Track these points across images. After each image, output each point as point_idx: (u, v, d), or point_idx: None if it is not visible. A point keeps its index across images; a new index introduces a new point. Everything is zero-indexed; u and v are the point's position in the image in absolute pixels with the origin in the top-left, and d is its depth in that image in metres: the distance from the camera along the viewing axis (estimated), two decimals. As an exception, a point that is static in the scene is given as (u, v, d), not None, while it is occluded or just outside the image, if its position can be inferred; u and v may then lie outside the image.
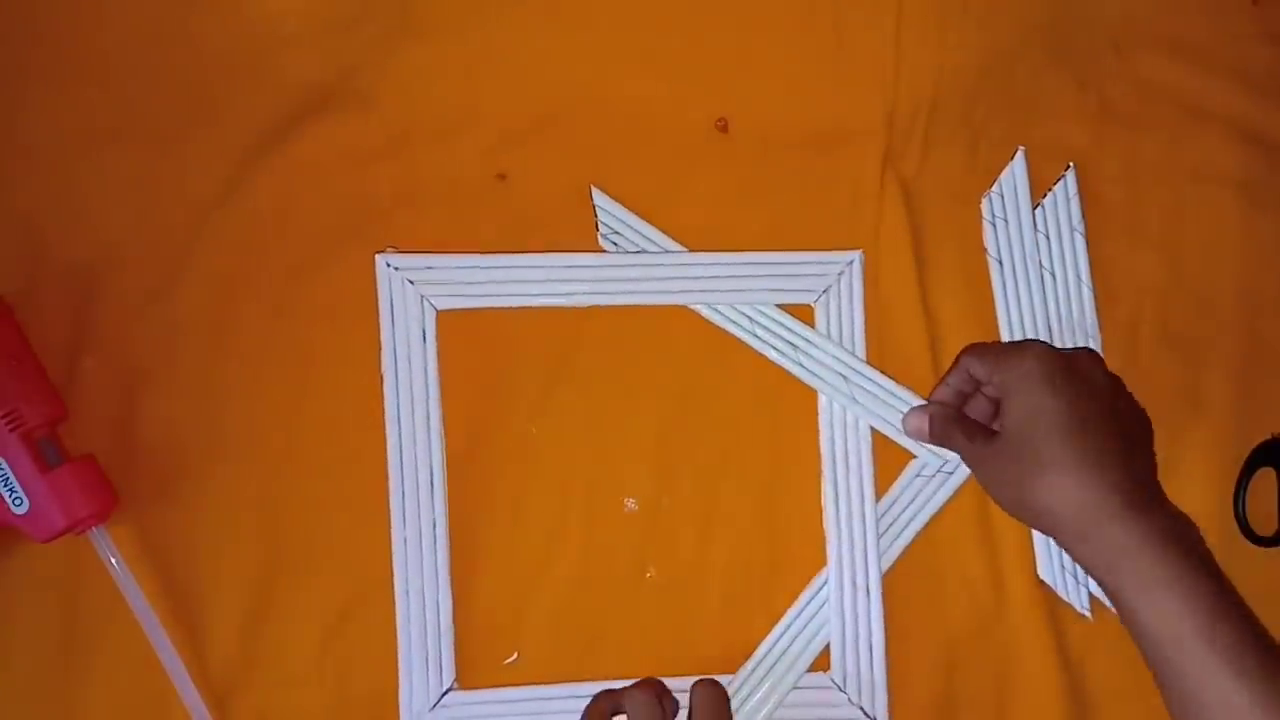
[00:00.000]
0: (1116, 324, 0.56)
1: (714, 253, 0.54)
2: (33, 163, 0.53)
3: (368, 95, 0.54)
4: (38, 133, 0.53)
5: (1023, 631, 0.49)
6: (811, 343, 0.54)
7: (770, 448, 0.54)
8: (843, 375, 0.54)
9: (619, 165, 0.55)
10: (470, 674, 0.51)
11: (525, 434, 0.53)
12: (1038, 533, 0.54)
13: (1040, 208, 0.56)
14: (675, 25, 0.56)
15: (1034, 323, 0.55)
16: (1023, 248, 0.56)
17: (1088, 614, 0.54)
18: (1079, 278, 0.56)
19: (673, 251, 0.54)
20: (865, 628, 0.53)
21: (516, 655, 0.52)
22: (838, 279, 0.54)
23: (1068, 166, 0.56)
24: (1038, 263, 0.56)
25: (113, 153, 0.53)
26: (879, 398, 0.54)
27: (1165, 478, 0.54)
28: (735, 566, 0.53)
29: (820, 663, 0.53)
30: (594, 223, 0.54)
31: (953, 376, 0.50)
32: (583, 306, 0.53)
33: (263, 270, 0.53)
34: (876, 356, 0.54)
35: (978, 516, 0.54)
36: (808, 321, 0.54)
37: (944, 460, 0.54)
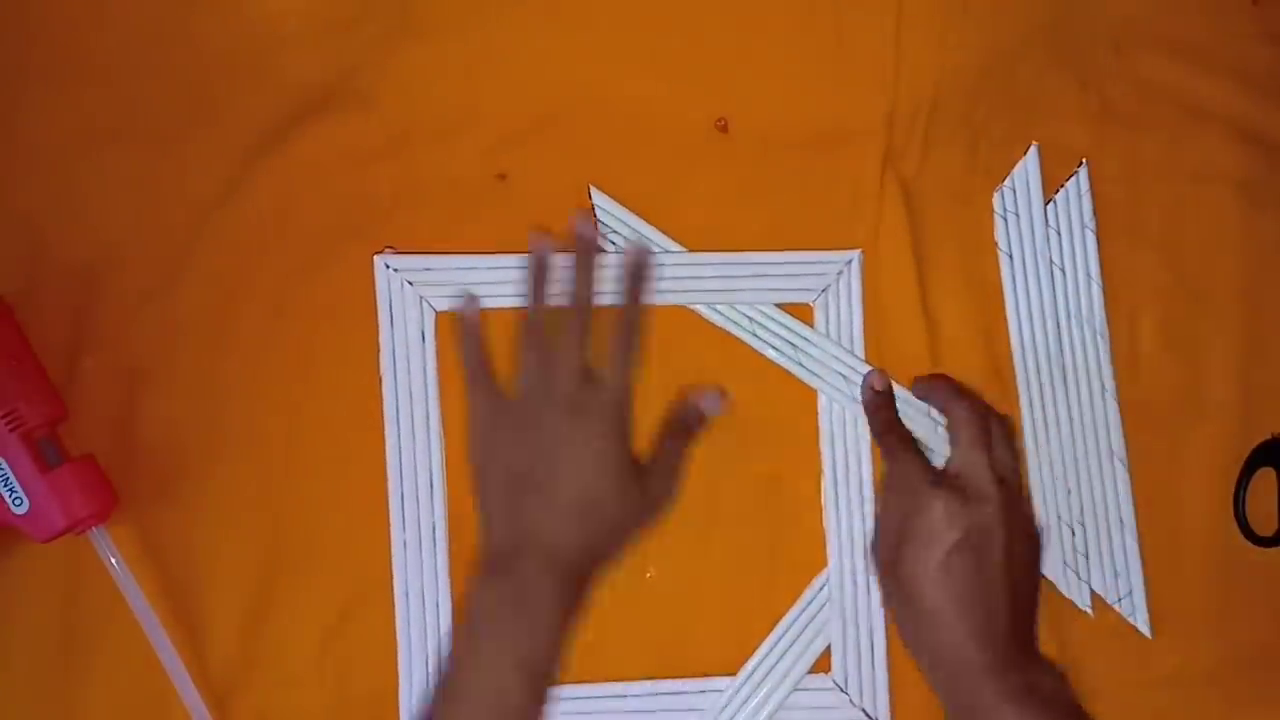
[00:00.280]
0: (1116, 324, 0.56)
1: (713, 253, 0.54)
2: (33, 163, 0.53)
3: (368, 95, 0.54)
4: (38, 133, 0.53)
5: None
6: (811, 342, 0.54)
7: (770, 448, 0.54)
8: (843, 375, 0.54)
9: (619, 165, 0.55)
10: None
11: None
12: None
13: (1052, 204, 0.56)
14: (675, 25, 0.56)
15: (1043, 318, 0.55)
16: (1034, 243, 0.56)
17: (1089, 611, 0.54)
18: (1089, 274, 0.56)
19: (672, 251, 0.54)
20: (866, 628, 0.53)
21: (516, 655, 0.52)
22: (837, 278, 0.54)
23: (1080, 163, 0.56)
24: (1048, 259, 0.56)
25: (113, 153, 0.53)
26: (879, 398, 0.54)
27: (1165, 478, 0.55)
28: (735, 566, 0.53)
29: (821, 664, 0.53)
30: (593, 223, 0.54)
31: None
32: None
33: (263, 270, 0.53)
34: (876, 356, 0.54)
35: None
36: (807, 321, 0.54)
37: (940, 458, 0.53)
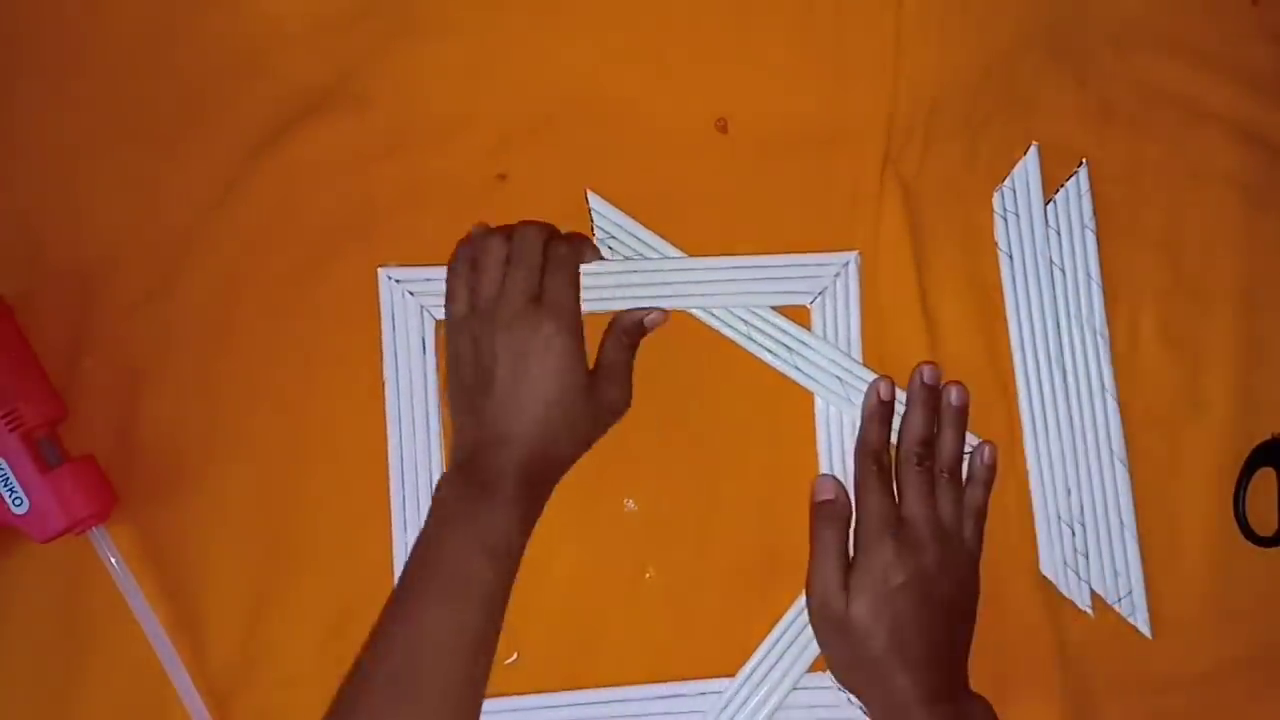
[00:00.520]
0: (1116, 324, 0.56)
1: (708, 257, 0.54)
2: (33, 163, 0.53)
3: (367, 95, 0.55)
4: (37, 133, 0.53)
5: (1024, 628, 0.49)
6: (807, 345, 0.54)
7: (769, 449, 0.54)
8: (839, 377, 0.54)
9: (618, 165, 0.55)
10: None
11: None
12: (1039, 529, 0.54)
13: (1051, 203, 0.56)
14: (675, 25, 0.56)
15: (1042, 318, 0.55)
16: (1033, 243, 0.56)
17: (1089, 610, 0.54)
18: (1089, 275, 0.56)
19: (668, 257, 0.54)
20: (865, 628, 0.53)
21: (516, 655, 0.52)
22: (834, 280, 0.54)
23: (1080, 163, 0.56)
24: (1048, 258, 0.56)
25: (112, 153, 0.53)
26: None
27: (1165, 478, 0.55)
28: (735, 567, 0.53)
29: (819, 663, 0.52)
30: (590, 225, 0.54)
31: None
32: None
33: (263, 270, 0.53)
34: (876, 358, 0.54)
35: (977, 515, 0.54)
36: (804, 324, 0.54)
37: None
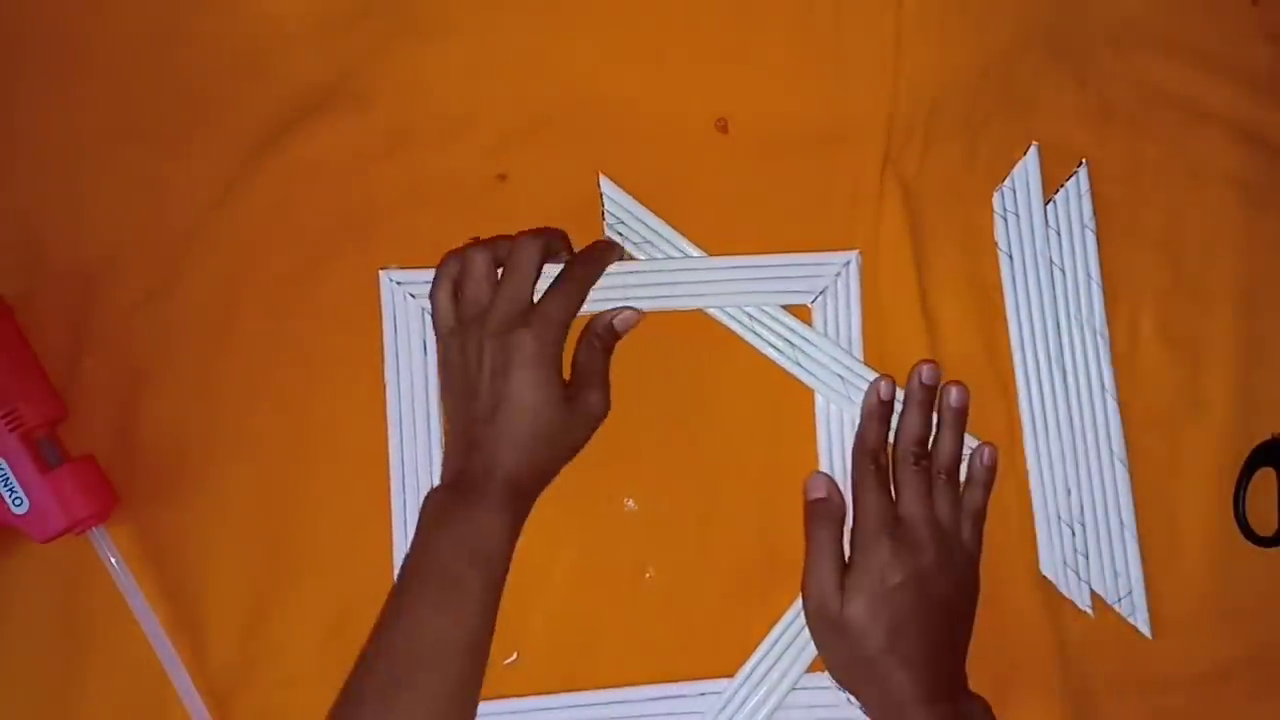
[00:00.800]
0: (1116, 324, 0.56)
1: (709, 257, 0.54)
2: (33, 163, 0.53)
3: (368, 95, 0.55)
4: (38, 133, 0.53)
5: (1024, 628, 0.49)
6: (810, 341, 0.54)
7: (769, 448, 0.54)
8: (840, 375, 0.54)
9: (618, 165, 0.55)
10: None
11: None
12: (1039, 529, 0.54)
13: (1051, 204, 0.56)
14: (675, 25, 0.56)
15: (1043, 318, 0.55)
16: (1033, 243, 0.56)
17: (1089, 611, 0.54)
18: (1089, 275, 0.56)
19: (668, 257, 0.54)
20: (865, 628, 0.53)
21: (516, 655, 0.52)
22: (834, 280, 0.54)
23: (1080, 163, 0.56)
24: (1048, 259, 0.56)
25: (113, 153, 0.53)
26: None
27: (1165, 478, 0.55)
28: (735, 567, 0.53)
29: (819, 663, 0.52)
30: (595, 222, 0.54)
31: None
32: (580, 314, 0.53)
33: (263, 270, 0.53)
34: (876, 357, 0.54)
35: (977, 515, 0.54)
36: (805, 323, 0.54)
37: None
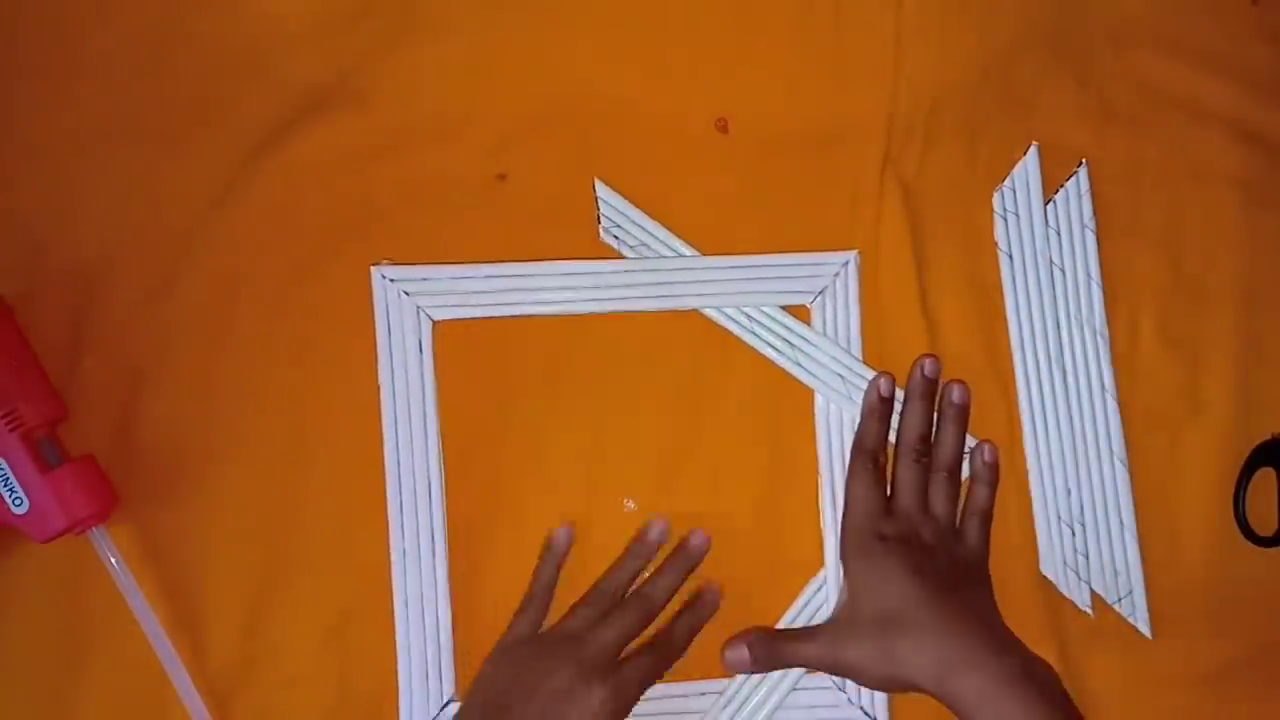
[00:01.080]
0: (1116, 324, 0.56)
1: (708, 256, 0.54)
2: (32, 163, 0.53)
3: (367, 95, 0.54)
4: (37, 133, 0.53)
5: (1024, 627, 0.49)
6: (809, 341, 0.54)
7: (768, 448, 0.54)
8: (840, 375, 0.54)
9: (619, 165, 0.55)
10: (470, 674, 0.51)
11: (526, 435, 0.53)
12: (1039, 529, 0.54)
13: (1051, 203, 0.56)
14: (675, 25, 0.56)
15: (1043, 318, 0.55)
16: (1033, 243, 0.56)
17: (1089, 611, 0.54)
18: (1089, 274, 0.56)
19: (666, 257, 0.54)
20: (865, 628, 0.53)
21: (516, 655, 0.52)
22: (833, 280, 0.54)
23: (1080, 163, 0.56)
24: (1048, 258, 0.56)
25: (112, 153, 0.53)
26: (879, 398, 0.54)
27: (1165, 478, 0.55)
28: (734, 567, 0.53)
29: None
30: (594, 222, 0.54)
31: None
32: (579, 315, 0.54)
33: (262, 270, 0.53)
34: (876, 357, 0.54)
35: (977, 515, 0.54)
36: (804, 323, 0.54)
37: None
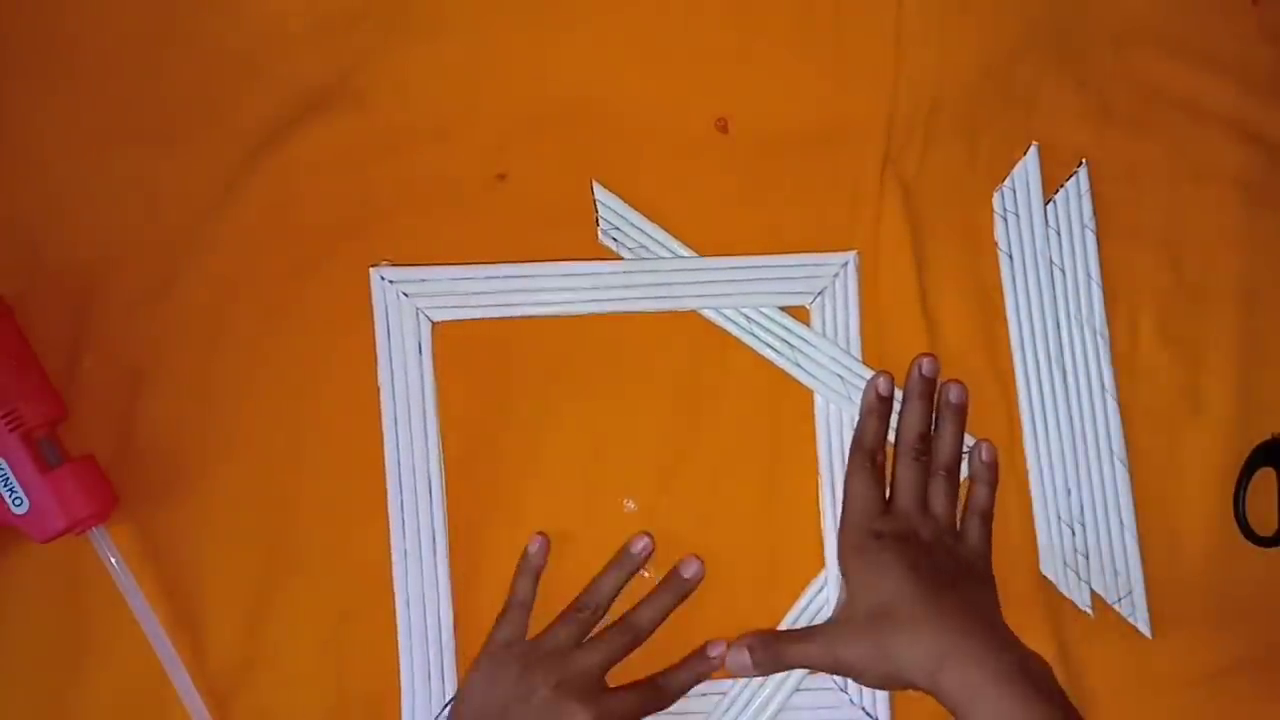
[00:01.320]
0: (1116, 324, 0.56)
1: (707, 257, 0.54)
2: (32, 163, 0.53)
3: (366, 95, 0.54)
4: (37, 133, 0.53)
5: (1024, 627, 0.49)
6: (808, 342, 0.54)
7: (768, 449, 0.54)
8: (839, 375, 0.54)
9: (619, 165, 0.55)
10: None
11: (526, 436, 0.53)
12: (1039, 529, 0.54)
13: (1051, 204, 0.56)
14: (675, 25, 0.56)
15: (1043, 318, 0.55)
16: (1033, 243, 0.56)
17: (1089, 610, 0.54)
18: (1089, 275, 0.56)
19: (666, 258, 0.54)
20: (866, 629, 0.52)
21: (516, 655, 0.52)
22: (833, 280, 0.54)
23: (1080, 163, 0.56)
24: (1048, 259, 0.56)
25: (112, 153, 0.53)
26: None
27: (1165, 478, 0.55)
28: (734, 567, 0.53)
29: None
30: (593, 223, 0.54)
31: None
32: (578, 316, 0.54)
33: (262, 270, 0.53)
34: (876, 357, 0.54)
35: (977, 515, 0.54)
36: (804, 324, 0.54)
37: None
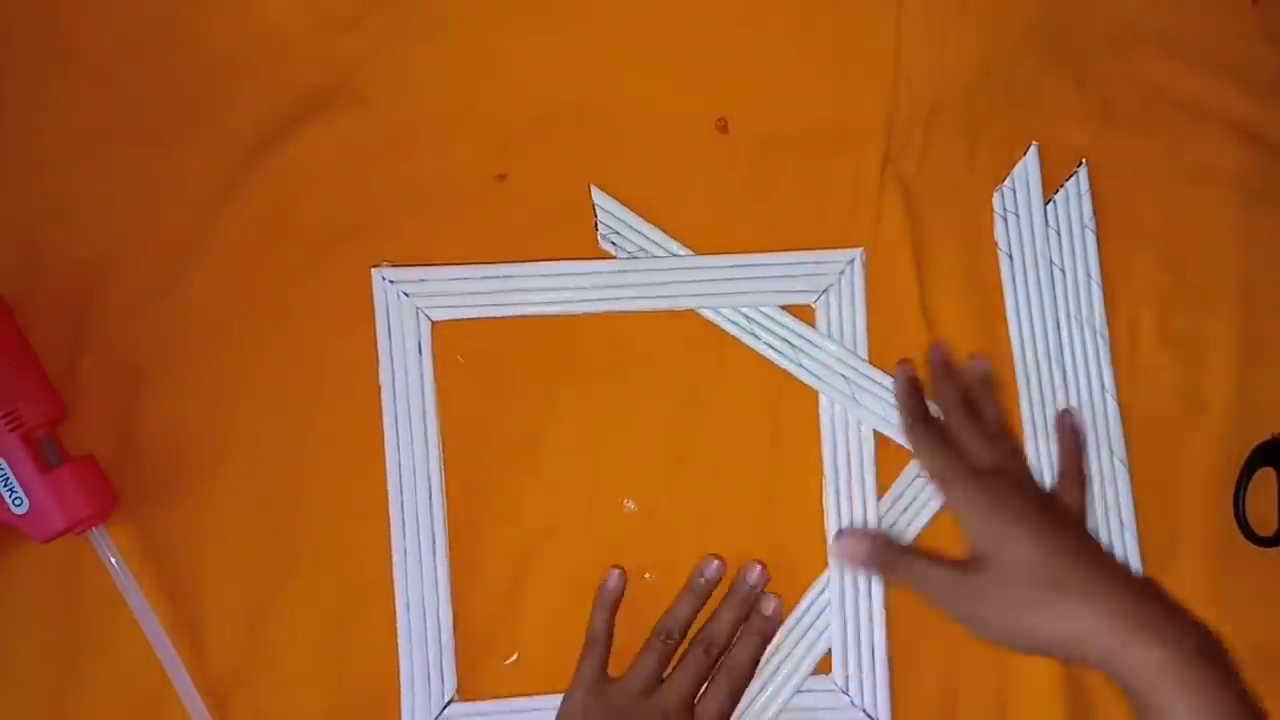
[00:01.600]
0: (1116, 324, 0.56)
1: (711, 255, 0.54)
2: (33, 163, 0.53)
3: (367, 95, 0.55)
4: (38, 133, 0.53)
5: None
6: (811, 342, 0.54)
7: (770, 449, 0.54)
8: (844, 376, 0.54)
9: (619, 165, 0.55)
10: (470, 674, 0.51)
11: (526, 435, 0.53)
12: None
13: (1051, 203, 0.56)
14: (675, 25, 0.56)
15: (1043, 318, 0.55)
16: (1033, 243, 0.56)
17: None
18: (1089, 275, 0.56)
19: (668, 256, 0.54)
20: (867, 630, 0.52)
21: (517, 656, 0.52)
22: (838, 278, 0.54)
23: (1080, 163, 0.56)
24: (1048, 258, 0.56)
25: (112, 153, 0.53)
26: (882, 399, 0.54)
27: (1165, 478, 0.55)
28: (733, 568, 0.53)
29: (822, 665, 0.52)
30: (594, 221, 0.54)
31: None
32: (578, 315, 0.54)
33: (263, 270, 0.53)
34: (877, 359, 0.54)
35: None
36: (809, 323, 0.54)
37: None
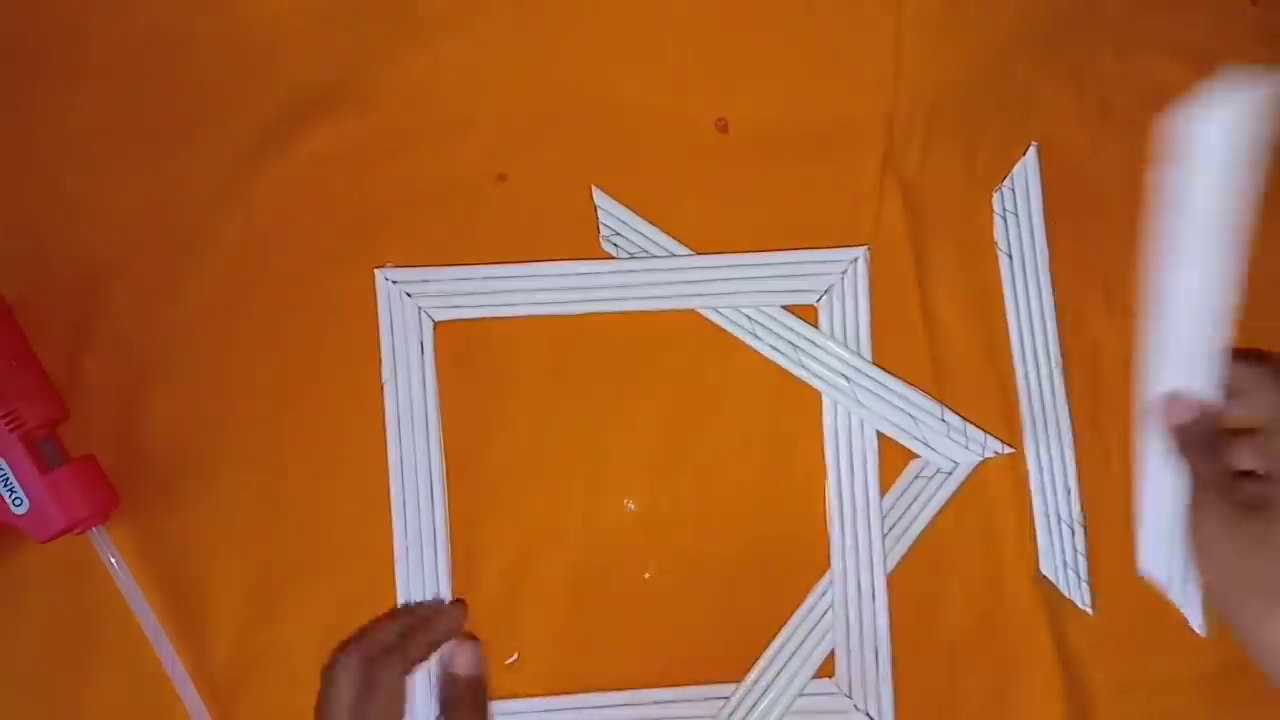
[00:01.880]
0: (1116, 323, 0.56)
1: (713, 255, 0.54)
2: (34, 163, 0.53)
3: (368, 96, 0.55)
4: (39, 133, 0.54)
5: (1024, 628, 0.49)
6: (814, 343, 0.54)
7: (770, 447, 0.54)
8: (845, 376, 0.54)
9: (619, 165, 0.55)
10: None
11: (526, 435, 0.53)
12: (1039, 529, 0.54)
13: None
14: (675, 25, 0.56)
15: (1043, 318, 0.55)
16: (1033, 242, 0.56)
17: (1089, 610, 0.53)
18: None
19: (670, 256, 0.54)
20: (870, 632, 0.52)
21: (517, 656, 0.52)
22: (841, 277, 0.54)
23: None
24: (1048, 258, 0.56)
25: (114, 154, 0.53)
26: (884, 399, 0.53)
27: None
28: (735, 569, 0.53)
29: (824, 668, 0.52)
30: (594, 222, 0.54)
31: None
32: (579, 315, 0.54)
33: (264, 270, 0.53)
34: (877, 358, 0.54)
35: (978, 514, 0.54)
36: (812, 322, 0.54)
37: (946, 460, 0.54)
